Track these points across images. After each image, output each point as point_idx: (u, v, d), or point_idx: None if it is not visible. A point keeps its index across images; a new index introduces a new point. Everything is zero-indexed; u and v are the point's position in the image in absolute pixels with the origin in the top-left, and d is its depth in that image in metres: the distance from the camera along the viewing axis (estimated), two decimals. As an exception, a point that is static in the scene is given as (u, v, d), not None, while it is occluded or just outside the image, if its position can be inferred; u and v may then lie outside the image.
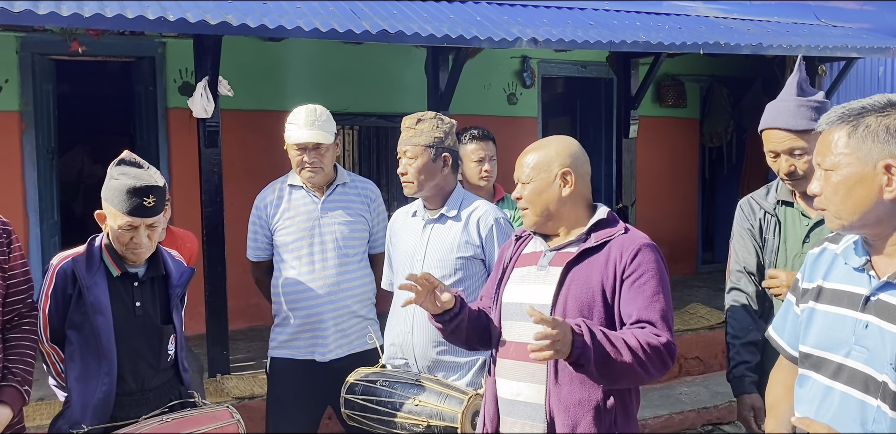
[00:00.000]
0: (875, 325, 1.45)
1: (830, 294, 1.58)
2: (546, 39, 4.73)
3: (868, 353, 1.45)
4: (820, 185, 1.54)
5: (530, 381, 2.01)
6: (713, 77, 7.86)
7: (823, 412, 1.53)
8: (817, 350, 1.57)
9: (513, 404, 2.06)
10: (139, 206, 2.21)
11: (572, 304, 1.97)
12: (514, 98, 6.91)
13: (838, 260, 1.60)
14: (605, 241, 2.03)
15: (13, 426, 2.22)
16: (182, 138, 5.48)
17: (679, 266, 7.84)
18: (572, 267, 2.01)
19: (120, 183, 2.22)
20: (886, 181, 1.45)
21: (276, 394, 3.09)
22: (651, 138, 7.35)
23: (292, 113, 3.00)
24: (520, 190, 2.12)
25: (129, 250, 2.28)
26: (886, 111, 1.47)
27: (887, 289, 1.46)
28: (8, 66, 5.14)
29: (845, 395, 1.49)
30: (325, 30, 4.12)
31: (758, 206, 2.55)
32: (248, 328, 5.47)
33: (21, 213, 5.22)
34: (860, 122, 1.48)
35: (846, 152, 1.48)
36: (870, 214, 1.47)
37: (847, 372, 1.49)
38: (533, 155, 2.11)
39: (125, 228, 2.24)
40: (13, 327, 2.28)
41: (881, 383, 1.42)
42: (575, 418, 1.95)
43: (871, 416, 1.44)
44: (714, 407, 5.00)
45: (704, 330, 5.68)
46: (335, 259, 3.02)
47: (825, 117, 1.55)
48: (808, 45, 5.68)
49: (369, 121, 6.28)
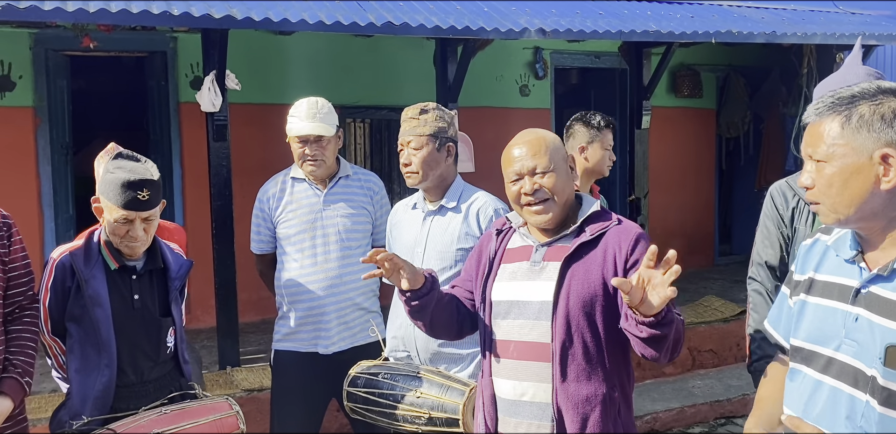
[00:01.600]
0: (865, 318, 1.41)
1: (821, 286, 1.54)
2: (554, 30, 4.69)
3: (858, 347, 1.42)
4: (811, 177, 1.48)
5: (535, 380, 1.98)
6: (730, 66, 7.75)
7: (812, 406, 1.50)
8: (808, 343, 1.54)
9: (516, 405, 2.02)
10: (134, 200, 2.22)
11: (574, 299, 1.94)
12: (526, 89, 6.87)
13: (830, 252, 1.56)
14: (599, 233, 1.99)
15: (14, 417, 2.25)
16: (194, 133, 5.52)
17: (695, 258, 7.77)
18: (570, 262, 1.97)
19: (115, 177, 2.23)
20: (883, 171, 1.40)
21: (281, 386, 3.10)
22: (666, 129, 7.28)
23: (294, 105, 3.00)
24: (548, 182, 2.01)
25: (125, 244, 2.30)
26: (878, 99, 1.42)
27: (878, 281, 1.42)
28: (21, 62, 5.20)
29: (835, 389, 1.46)
30: (330, 22, 4.11)
31: (792, 193, 2.40)
32: (261, 321, 5.51)
33: (36, 207, 5.29)
34: (853, 111, 1.42)
35: (840, 143, 1.42)
36: (865, 206, 1.42)
37: (837, 366, 1.46)
38: (544, 144, 2.03)
39: (121, 222, 2.25)
40: (14, 319, 2.31)
41: (870, 378, 1.39)
42: (584, 414, 1.93)
43: (859, 410, 1.40)
44: (727, 400, 4.95)
45: (719, 322, 5.63)
46: (338, 252, 3.01)
47: (813, 107, 1.49)
48: (824, 33, 5.59)
49: (380, 114, 6.28)
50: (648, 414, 4.70)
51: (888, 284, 1.40)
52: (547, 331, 1.96)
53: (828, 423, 1.45)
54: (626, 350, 1.99)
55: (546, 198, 1.99)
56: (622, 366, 2.00)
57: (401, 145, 2.74)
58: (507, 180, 2.06)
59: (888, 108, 1.41)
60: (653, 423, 4.71)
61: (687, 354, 5.46)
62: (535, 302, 1.99)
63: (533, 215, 2.01)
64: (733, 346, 5.65)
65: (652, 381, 5.23)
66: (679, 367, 5.39)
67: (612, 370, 1.96)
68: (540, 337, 1.97)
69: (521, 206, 2.03)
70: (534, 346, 1.98)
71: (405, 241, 2.79)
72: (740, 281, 7.01)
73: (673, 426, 4.76)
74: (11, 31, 5.10)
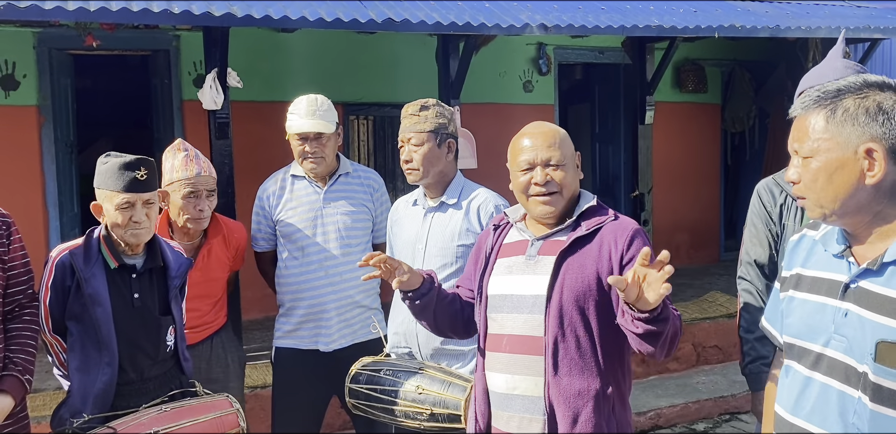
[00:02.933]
0: (854, 313, 1.40)
1: (809, 282, 1.53)
2: (556, 25, 4.67)
3: (847, 343, 1.40)
4: (798, 172, 1.48)
5: (527, 373, 1.98)
6: (735, 61, 7.71)
7: (803, 403, 1.48)
8: (797, 340, 1.52)
9: (508, 398, 2.02)
10: (133, 181, 2.25)
11: (568, 293, 1.94)
12: (529, 85, 6.85)
13: (817, 247, 1.55)
14: (595, 228, 1.99)
15: (15, 415, 2.26)
16: (198, 131, 5.51)
17: (701, 254, 7.75)
18: (565, 256, 1.97)
19: (109, 164, 2.28)
20: (868, 166, 1.39)
21: (282, 383, 3.11)
22: (671, 124, 7.25)
23: (294, 103, 3.00)
24: (558, 176, 2.01)
25: (130, 232, 2.30)
26: (864, 92, 1.41)
27: (867, 276, 1.41)
28: (25, 61, 5.22)
29: (825, 385, 1.45)
30: (331, 19, 4.11)
31: (779, 190, 2.38)
32: (265, 318, 5.51)
33: (41, 206, 5.31)
34: (838, 105, 1.41)
35: (825, 137, 1.41)
36: (850, 201, 1.41)
37: (826, 362, 1.45)
38: (557, 137, 2.03)
39: (122, 207, 2.26)
40: (14, 318, 2.32)
41: (861, 374, 1.37)
42: (576, 409, 1.93)
43: (851, 407, 1.39)
44: (732, 396, 4.94)
45: (723, 318, 5.60)
46: (338, 249, 3.02)
47: (799, 101, 1.48)
48: (828, 27, 5.55)
49: (383, 111, 6.27)
50: (652, 410, 4.69)
51: (877, 279, 1.39)
52: (540, 324, 1.96)
53: (819, 419, 1.44)
54: (623, 346, 1.98)
55: (555, 191, 2.00)
56: (617, 362, 1.99)
57: (401, 142, 2.73)
58: (516, 169, 2.04)
59: (873, 101, 1.39)
60: (656, 419, 4.70)
61: (691, 350, 5.45)
62: (529, 296, 1.99)
63: (539, 205, 2.01)
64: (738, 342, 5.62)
65: (656, 377, 5.22)
66: (683, 362, 5.38)
67: (606, 366, 1.96)
68: (533, 330, 1.97)
69: (529, 196, 2.02)
70: (526, 340, 1.98)
71: (406, 237, 2.79)
72: (745, 276, 7.03)
73: (677, 422, 4.75)
74: (15, 31, 5.12)
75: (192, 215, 2.81)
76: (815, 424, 1.45)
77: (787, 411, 1.53)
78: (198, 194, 2.80)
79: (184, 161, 2.81)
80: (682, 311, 5.64)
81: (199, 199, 2.79)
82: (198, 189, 2.80)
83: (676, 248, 7.57)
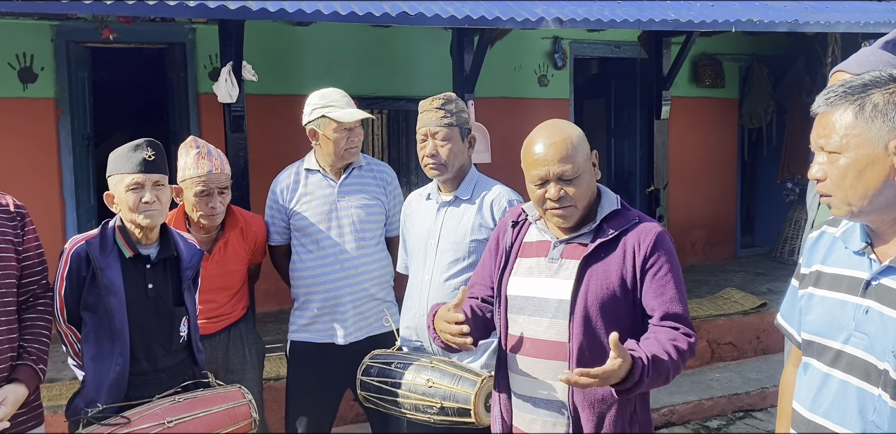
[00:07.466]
0: (876, 310, 1.38)
1: (829, 279, 1.51)
2: (571, 19, 4.64)
3: (868, 340, 1.39)
4: (823, 169, 1.44)
5: (551, 378, 1.96)
6: (753, 56, 7.63)
7: (821, 400, 1.47)
8: (816, 337, 1.51)
9: (532, 401, 2.01)
10: (142, 162, 2.30)
11: (592, 299, 1.92)
12: (545, 80, 6.82)
13: (837, 244, 1.53)
14: (619, 232, 1.96)
15: (29, 404, 2.28)
16: (213, 124, 5.53)
17: (716, 250, 7.70)
18: (589, 261, 1.94)
19: (120, 149, 2.35)
20: None
21: (296, 376, 3.11)
22: (688, 120, 7.20)
23: (319, 97, 2.99)
24: (572, 190, 1.96)
25: (143, 213, 2.31)
26: (891, 87, 1.38)
27: (889, 273, 1.39)
28: (43, 53, 5.25)
29: (844, 382, 1.43)
30: (345, 13, 4.10)
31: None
32: (279, 310, 5.54)
33: (58, 198, 5.36)
34: (866, 100, 1.39)
35: (854, 133, 1.39)
36: (879, 198, 1.39)
37: (846, 359, 1.43)
38: (570, 146, 1.95)
39: (132, 188, 2.30)
40: (28, 308, 2.34)
41: (882, 371, 1.36)
42: (600, 413, 1.93)
43: (871, 405, 1.38)
44: (745, 393, 4.91)
45: (738, 315, 5.57)
46: (353, 242, 3.02)
47: (822, 96, 1.45)
48: (848, 21, 5.48)
49: (398, 104, 6.26)
50: (666, 407, 4.67)
51: None
52: (564, 330, 1.94)
53: (837, 416, 1.43)
54: None
55: (570, 204, 1.96)
56: None
57: (424, 136, 2.70)
58: (530, 182, 2.00)
59: None
60: (670, 416, 4.68)
61: (706, 347, 5.42)
62: (553, 300, 1.97)
63: (554, 218, 1.99)
64: (753, 339, 5.60)
65: (670, 374, 5.19)
66: (698, 359, 5.35)
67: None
68: (557, 336, 1.96)
69: (545, 210, 2.00)
70: (551, 345, 1.97)
71: (419, 232, 2.79)
72: (762, 273, 6.98)
73: (690, 419, 4.73)
74: (33, 24, 5.15)
75: (204, 212, 2.86)
76: (834, 421, 1.44)
77: (805, 408, 1.52)
78: (209, 192, 2.84)
79: (195, 159, 2.83)
80: (696, 307, 5.62)
81: (210, 197, 2.84)
82: (209, 187, 2.83)
83: (692, 244, 7.53)
